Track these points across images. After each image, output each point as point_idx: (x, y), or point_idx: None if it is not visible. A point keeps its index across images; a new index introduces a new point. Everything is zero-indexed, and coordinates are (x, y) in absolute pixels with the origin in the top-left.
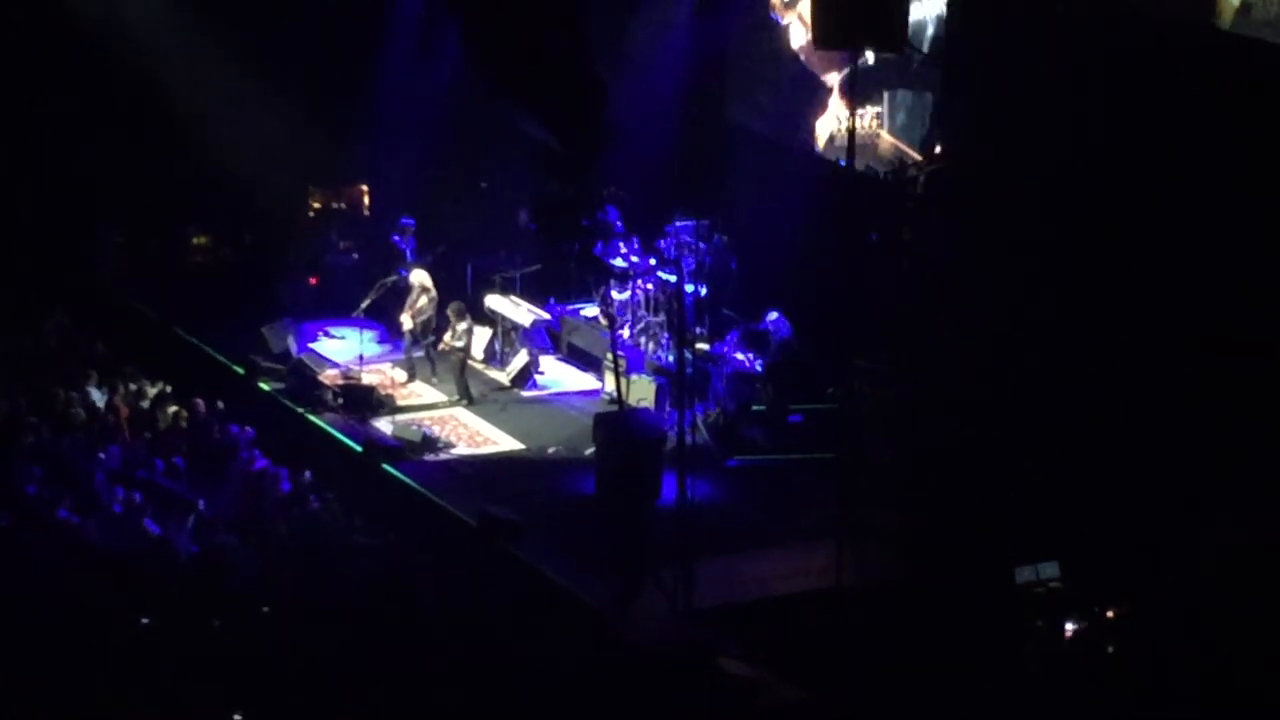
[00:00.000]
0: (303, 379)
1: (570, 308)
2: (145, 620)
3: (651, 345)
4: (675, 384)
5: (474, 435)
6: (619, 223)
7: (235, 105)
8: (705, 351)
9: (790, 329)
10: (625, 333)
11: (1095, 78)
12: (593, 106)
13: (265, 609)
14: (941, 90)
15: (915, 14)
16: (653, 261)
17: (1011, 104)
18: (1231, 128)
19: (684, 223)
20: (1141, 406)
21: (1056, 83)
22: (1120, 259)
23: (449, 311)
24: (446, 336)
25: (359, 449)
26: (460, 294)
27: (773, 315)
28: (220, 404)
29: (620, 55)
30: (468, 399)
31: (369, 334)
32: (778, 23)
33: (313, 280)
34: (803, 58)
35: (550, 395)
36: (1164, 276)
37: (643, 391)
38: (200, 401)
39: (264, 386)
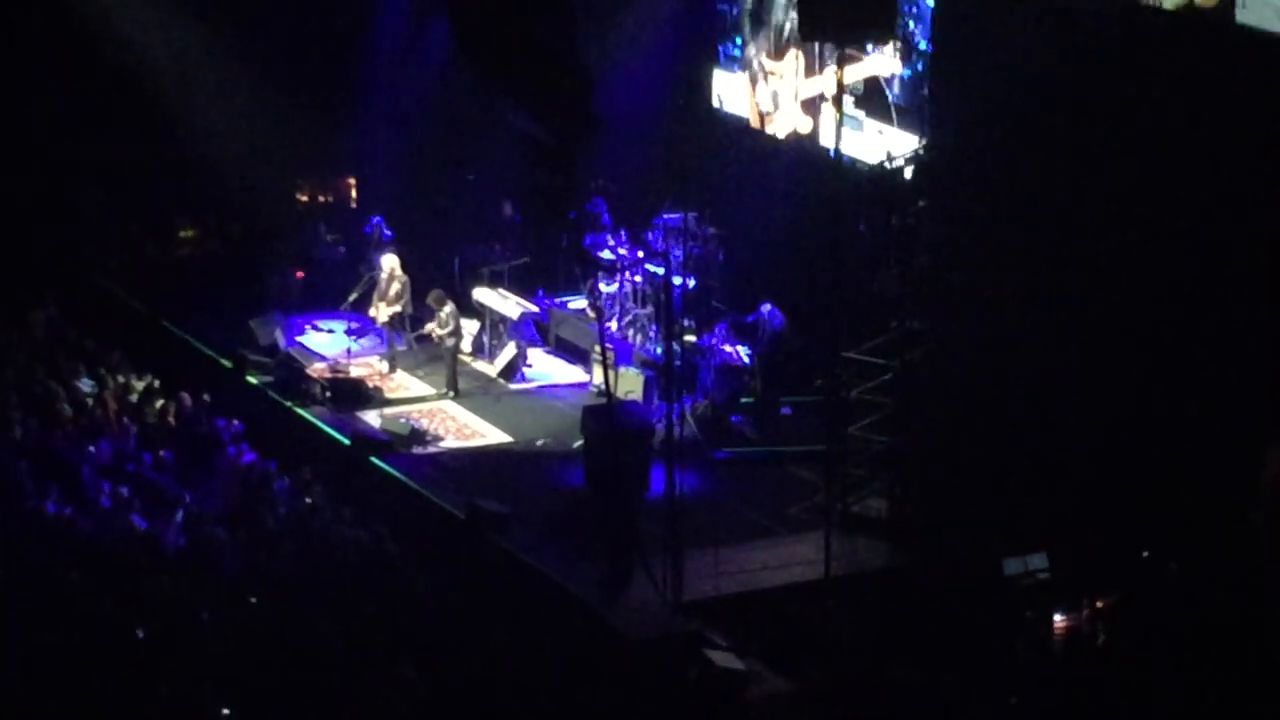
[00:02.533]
0: (291, 372)
1: (558, 300)
2: (134, 616)
3: (639, 338)
4: (663, 376)
5: (462, 428)
6: (606, 215)
7: (223, 98)
8: (693, 344)
9: (783, 320)
10: (613, 325)
11: (1085, 66)
12: (580, 98)
13: (253, 601)
14: (930, 79)
15: None
16: (640, 254)
17: (1000, 93)
18: (1223, 116)
19: (672, 215)
20: (1130, 397)
21: (1045, 71)
22: (1112, 249)
23: (430, 300)
24: (432, 326)
25: (347, 442)
26: (448, 287)
27: (766, 306)
28: (207, 397)
29: (609, 46)
30: (454, 391)
31: (356, 327)
32: None
33: (299, 273)
34: None
35: (538, 388)
36: (1156, 267)
37: (631, 384)
38: (187, 395)
39: (252, 380)
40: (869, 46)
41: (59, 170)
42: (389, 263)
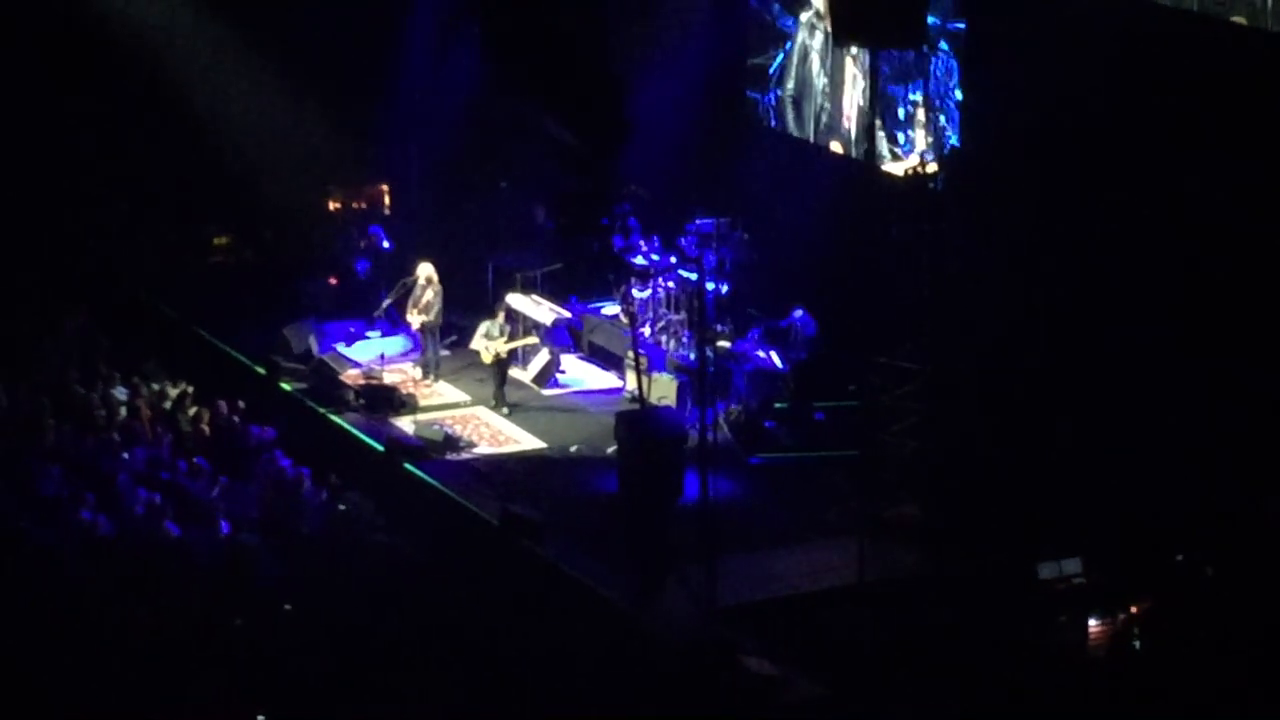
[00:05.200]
0: (324, 379)
1: (591, 306)
2: (168, 622)
3: (673, 343)
4: (697, 382)
5: (496, 434)
6: (633, 218)
7: (256, 105)
8: (726, 349)
9: (815, 325)
10: (646, 331)
11: (1117, 73)
12: (611, 103)
13: (287, 607)
14: (962, 87)
15: None
16: (673, 259)
17: (1032, 99)
18: (1258, 123)
19: (704, 220)
20: (1165, 401)
21: (1077, 78)
22: (1143, 252)
23: (499, 313)
24: (489, 340)
25: (381, 449)
26: (481, 293)
27: (798, 312)
28: (242, 404)
29: (640, 51)
30: (505, 407)
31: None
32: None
33: (333, 280)
34: None
35: (572, 394)
36: (1189, 270)
37: (664, 389)
38: (223, 403)
39: (286, 387)
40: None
41: (91, 178)
42: (424, 271)
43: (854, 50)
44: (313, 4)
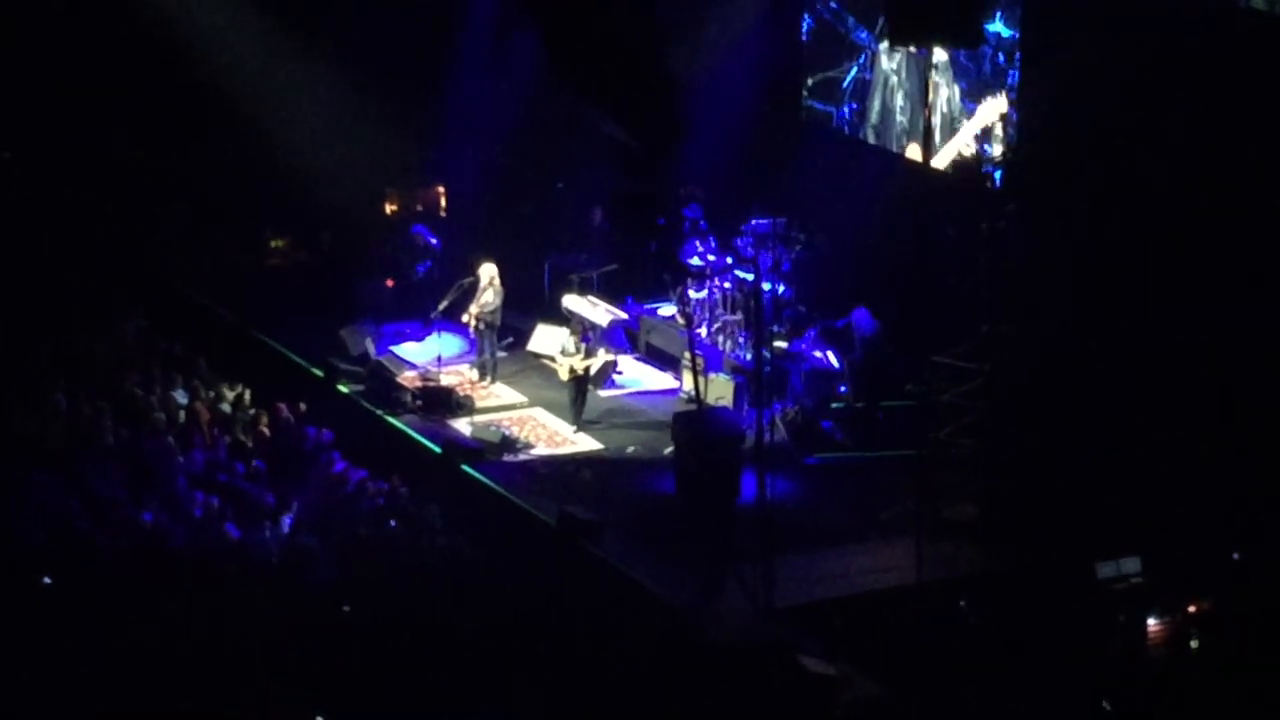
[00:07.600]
0: (382, 381)
1: (648, 307)
2: (227, 624)
3: (729, 344)
4: (753, 382)
5: (553, 435)
6: (703, 221)
7: (312, 108)
8: (783, 349)
9: (875, 326)
10: (703, 331)
11: (1173, 70)
12: (667, 103)
13: (345, 609)
14: (1019, 84)
15: None
16: (729, 260)
17: (1089, 97)
18: None
19: (760, 220)
20: (1225, 398)
21: (1134, 75)
22: (1202, 251)
23: (575, 330)
24: (565, 357)
25: (438, 450)
26: (537, 294)
27: (859, 311)
28: (303, 406)
29: (696, 50)
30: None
31: (449, 335)
32: None
33: (389, 282)
34: None
35: (629, 395)
36: (1247, 269)
37: (721, 390)
38: (283, 405)
39: (343, 389)
40: None
41: (149, 181)
42: (487, 271)
43: (937, 59)
44: (370, 6)
